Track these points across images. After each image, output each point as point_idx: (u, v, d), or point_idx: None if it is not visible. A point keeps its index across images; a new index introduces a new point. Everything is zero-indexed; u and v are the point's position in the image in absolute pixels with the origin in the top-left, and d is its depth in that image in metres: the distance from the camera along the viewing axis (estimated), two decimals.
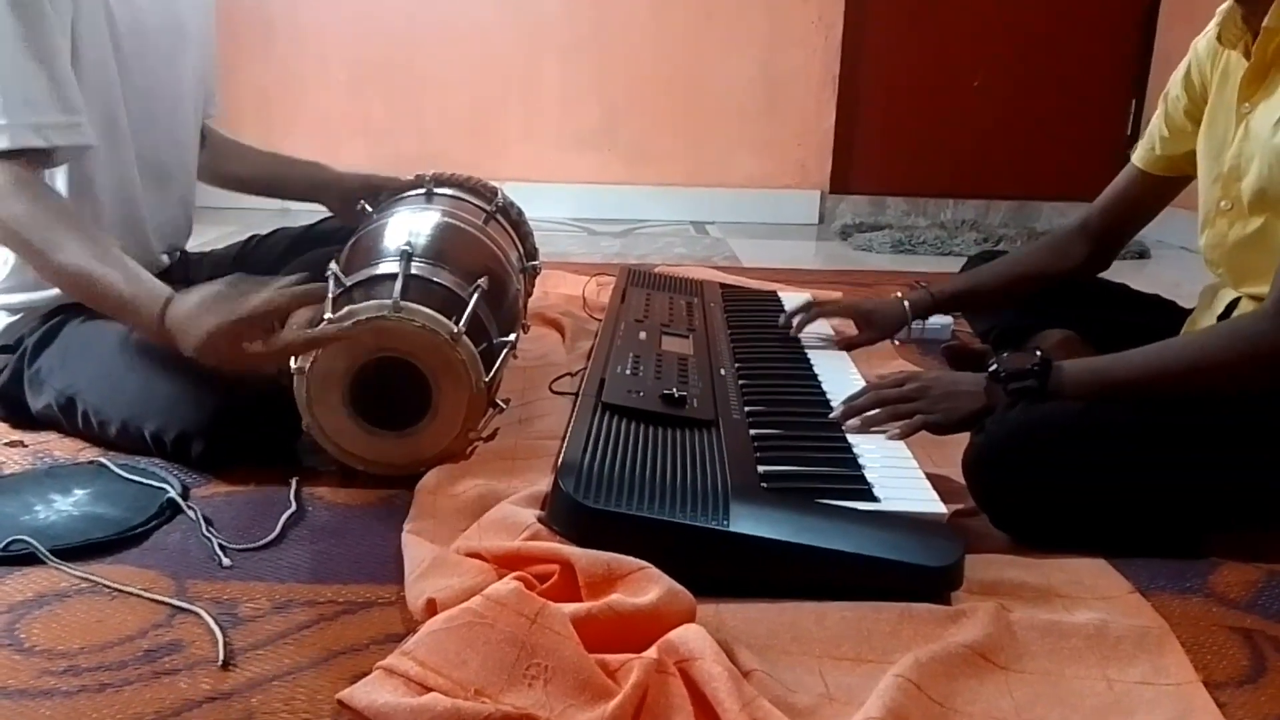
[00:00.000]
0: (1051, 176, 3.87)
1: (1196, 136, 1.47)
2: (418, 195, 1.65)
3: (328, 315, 1.27)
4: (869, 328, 1.76)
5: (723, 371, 1.53)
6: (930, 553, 1.07)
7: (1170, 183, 1.59)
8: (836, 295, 2.38)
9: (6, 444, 1.44)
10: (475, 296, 1.36)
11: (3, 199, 1.31)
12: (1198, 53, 1.47)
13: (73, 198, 1.45)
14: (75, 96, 1.38)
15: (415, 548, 1.11)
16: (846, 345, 1.75)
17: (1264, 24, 1.27)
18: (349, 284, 1.37)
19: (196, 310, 1.29)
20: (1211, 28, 1.42)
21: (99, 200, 1.50)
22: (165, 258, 1.69)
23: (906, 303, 1.73)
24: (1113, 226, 1.67)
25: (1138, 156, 1.61)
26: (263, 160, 1.93)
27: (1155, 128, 1.57)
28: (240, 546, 1.16)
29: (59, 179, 1.46)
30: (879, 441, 1.31)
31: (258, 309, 1.26)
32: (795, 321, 1.77)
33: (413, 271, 1.36)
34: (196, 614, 1.02)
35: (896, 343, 1.99)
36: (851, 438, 1.32)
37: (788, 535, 1.07)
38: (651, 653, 0.90)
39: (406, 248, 1.37)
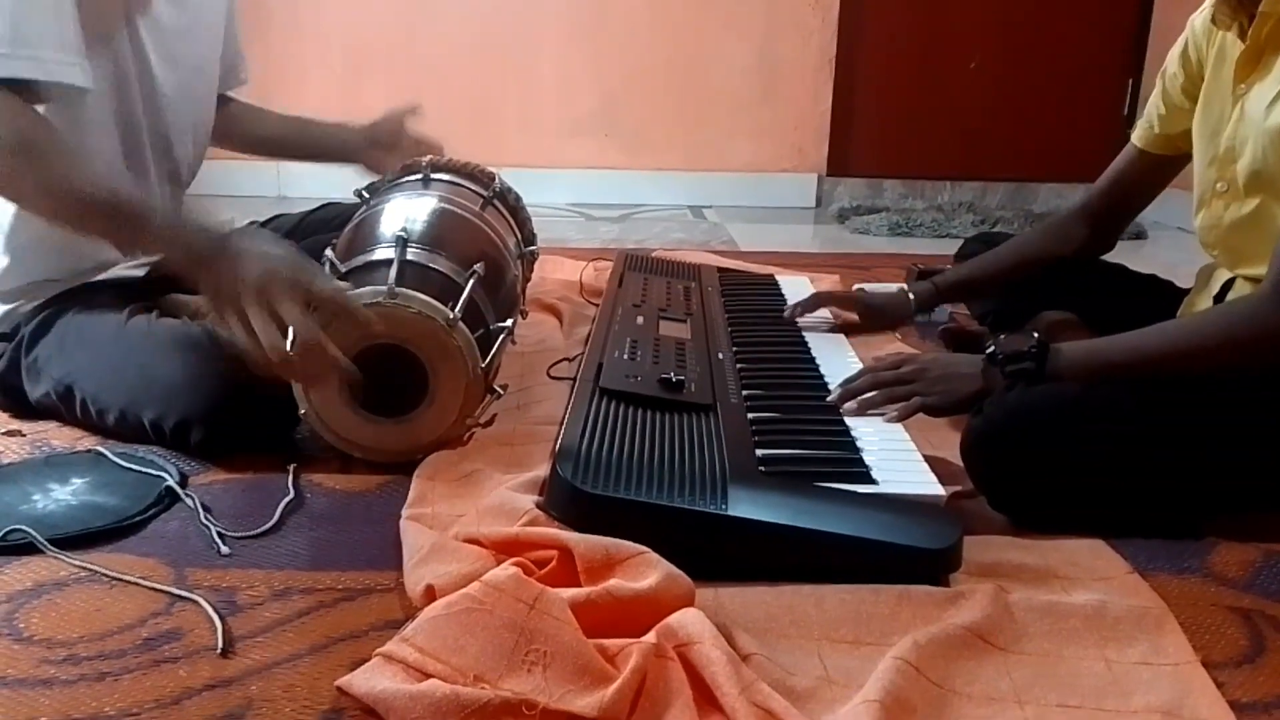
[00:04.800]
0: (1049, 158, 3.86)
1: (1194, 114, 1.46)
2: (414, 181, 1.65)
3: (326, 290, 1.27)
4: (872, 321, 1.77)
5: (720, 355, 1.53)
6: (928, 535, 1.07)
7: (1170, 161, 1.58)
8: (834, 279, 2.38)
9: (4, 433, 1.44)
10: (471, 282, 1.35)
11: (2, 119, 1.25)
12: (1194, 30, 1.46)
13: None
14: (76, 37, 1.32)
15: (414, 534, 1.11)
16: (847, 331, 1.75)
17: (1260, 8, 1.27)
18: (345, 270, 1.37)
19: (274, 239, 1.27)
20: (1207, 5, 1.41)
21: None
22: None
23: (911, 295, 1.73)
24: (1114, 207, 1.67)
25: (1137, 136, 1.60)
26: (286, 123, 1.94)
27: (1153, 106, 1.56)
28: (239, 534, 1.16)
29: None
30: (876, 424, 1.31)
31: (329, 286, 1.25)
32: (798, 309, 1.77)
33: (408, 257, 1.36)
34: (195, 602, 1.02)
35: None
36: (849, 421, 1.32)
37: (786, 519, 1.07)
38: (650, 637, 0.90)
39: (402, 234, 1.37)
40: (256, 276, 1.22)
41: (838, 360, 1.57)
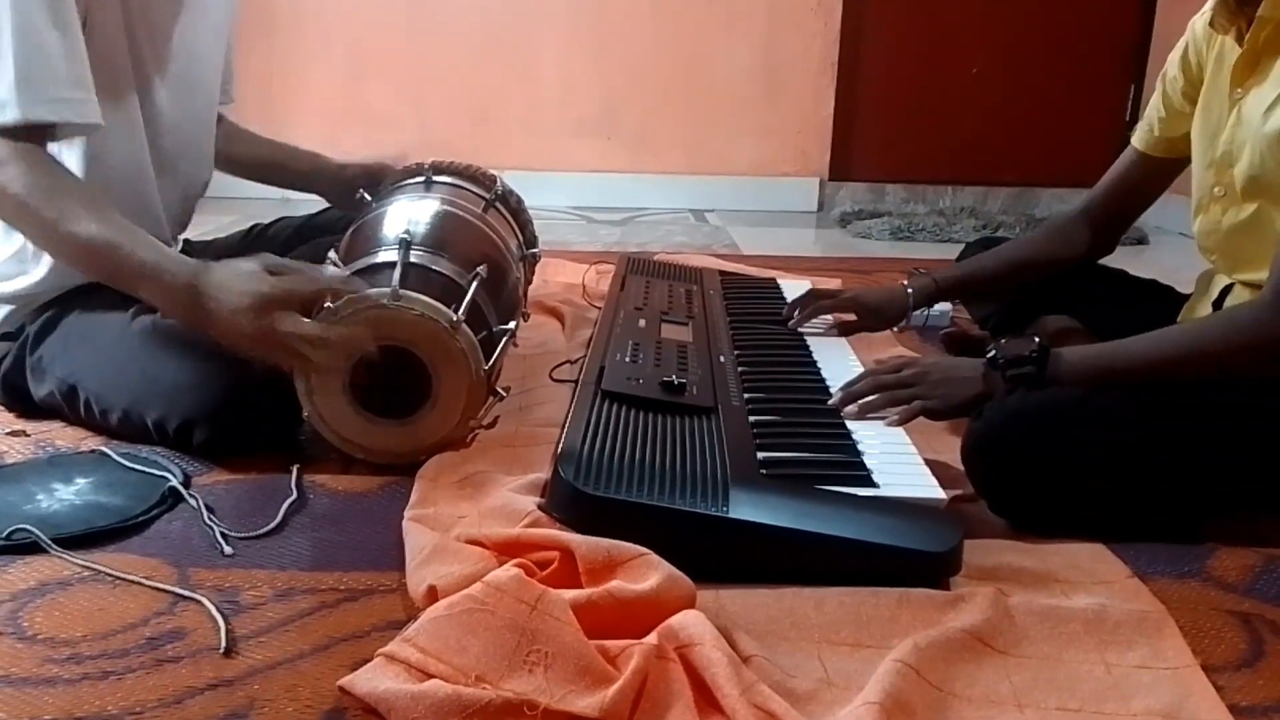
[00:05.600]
0: (1051, 162, 3.87)
1: (1193, 118, 1.47)
2: (417, 183, 1.65)
3: (328, 303, 1.28)
4: (872, 318, 1.76)
5: (722, 358, 1.54)
6: (929, 538, 1.08)
7: (1170, 165, 1.58)
8: (836, 283, 2.38)
9: (9, 433, 1.44)
10: (474, 285, 1.36)
11: (6, 170, 1.29)
12: (1195, 33, 1.47)
13: (84, 178, 1.44)
14: (86, 73, 1.35)
15: (416, 535, 1.11)
16: (845, 330, 1.74)
17: (1258, 13, 1.27)
18: (348, 273, 1.37)
19: (236, 274, 1.28)
20: (1208, 9, 1.41)
21: (110, 182, 1.49)
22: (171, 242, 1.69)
23: (910, 290, 1.73)
24: (1115, 211, 1.67)
25: (1137, 138, 1.60)
26: (264, 147, 1.93)
27: (1154, 109, 1.56)
28: (242, 534, 1.17)
29: (71, 159, 1.44)
30: (878, 428, 1.31)
31: (307, 284, 1.27)
32: (796, 315, 1.77)
33: (412, 260, 1.36)
34: (198, 602, 1.02)
35: (896, 329, 1.98)
36: (850, 424, 1.32)
37: (787, 521, 1.07)
38: (651, 639, 0.91)
39: (406, 236, 1.37)
40: (247, 319, 1.25)
41: (839, 363, 1.57)
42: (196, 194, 1.74)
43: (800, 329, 1.74)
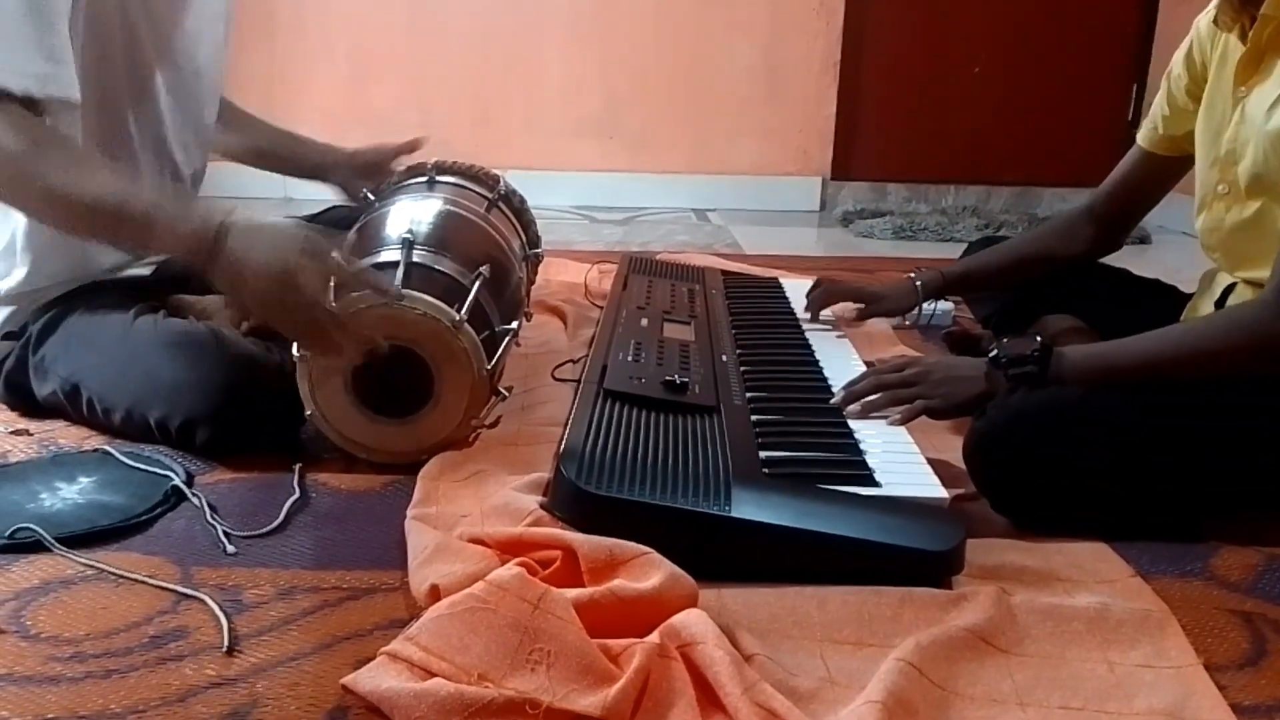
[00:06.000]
0: (1053, 162, 3.86)
1: (1197, 116, 1.47)
2: (420, 183, 1.66)
3: (330, 304, 1.28)
4: (881, 307, 1.80)
5: (724, 358, 1.54)
6: (931, 537, 1.08)
7: (1175, 163, 1.58)
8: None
9: (12, 432, 1.44)
10: (477, 284, 1.36)
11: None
12: (1199, 31, 1.47)
13: None
14: (63, 46, 1.30)
15: (418, 534, 1.11)
16: (859, 315, 1.78)
17: (1261, 10, 1.27)
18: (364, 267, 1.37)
19: (270, 227, 1.25)
20: (1212, 7, 1.41)
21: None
22: None
23: (919, 283, 1.75)
24: (1120, 209, 1.67)
25: (1142, 137, 1.61)
26: (268, 134, 1.93)
27: (1158, 107, 1.57)
28: (244, 533, 1.17)
29: None
30: (880, 426, 1.31)
31: (338, 259, 1.25)
32: (811, 300, 1.81)
33: (414, 259, 1.36)
34: (201, 600, 1.02)
35: (906, 323, 2.01)
36: (852, 423, 1.32)
37: (789, 520, 1.07)
38: (654, 637, 0.91)
39: (408, 236, 1.38)
40: (267, 283, 1.23)
41: (841, 363, 1.57)
42: (195, 187, 1.74)
43: (804, 328, 1.75)
